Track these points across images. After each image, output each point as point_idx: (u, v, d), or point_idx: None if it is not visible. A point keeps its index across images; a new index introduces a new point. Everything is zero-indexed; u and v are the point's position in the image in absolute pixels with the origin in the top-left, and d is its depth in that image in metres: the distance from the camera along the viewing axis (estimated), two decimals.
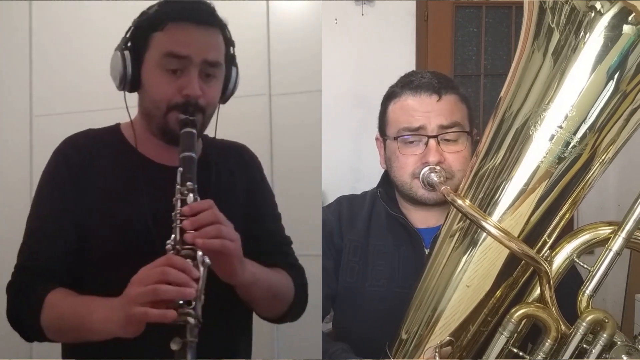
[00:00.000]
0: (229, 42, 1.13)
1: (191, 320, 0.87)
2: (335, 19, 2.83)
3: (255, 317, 1.22)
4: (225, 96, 1.16)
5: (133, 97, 1.14)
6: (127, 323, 0.88)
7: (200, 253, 0.92)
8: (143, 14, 1.09)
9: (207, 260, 0.91)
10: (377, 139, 1.32)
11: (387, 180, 1.32)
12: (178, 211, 0.95)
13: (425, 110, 1.19)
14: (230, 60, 1.15)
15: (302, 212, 1.78)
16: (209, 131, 1.17)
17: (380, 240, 1.27)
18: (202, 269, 0.91)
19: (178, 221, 0.94)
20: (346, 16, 2.84)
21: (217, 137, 1.21)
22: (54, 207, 1.08)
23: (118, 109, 1.15)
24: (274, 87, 2.00)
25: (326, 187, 2.43)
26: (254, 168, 1.27)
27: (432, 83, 1.20)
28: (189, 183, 0.97)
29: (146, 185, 1.08)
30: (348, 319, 1.27)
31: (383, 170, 1.33)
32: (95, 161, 1.10)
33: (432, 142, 1.17)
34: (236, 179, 1.20)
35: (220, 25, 1.10)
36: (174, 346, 0.86)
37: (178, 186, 0.97)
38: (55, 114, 2.06)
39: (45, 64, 2.10)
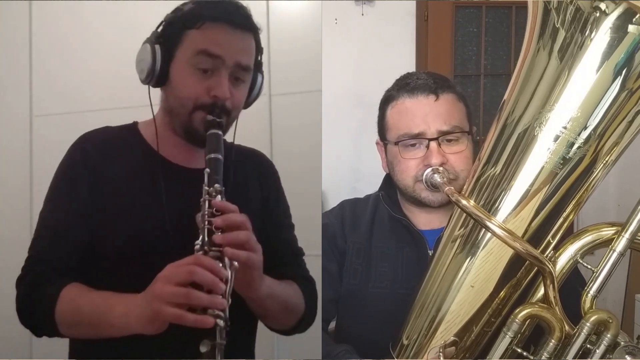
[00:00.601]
0: (259, 48, 1.13)
1: (220, 322, 0.86)
2: (335, 19, 2.83)
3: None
4: (248, 101, 1.16)
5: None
6: (152, 320, 0.87)
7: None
8: (177, 10, 1.08)
9: (235, 263, 0.90)
10: (377, 143, 1.32)
11: (389, 183, 1.32)
12: (206, 212, 0.93)
13: (423, 112, 1.18)
14: (258, 67, 1.14)
15: (302, 212, 1.77)
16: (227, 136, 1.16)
17: (383, 242, 1.27)
18: (229, 271, 0.90)
19: (206, 222, 0.93)
20: (346, 16, 2.84)
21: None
22: (69, 204, 1.06)
23: (119, 109, 1.16)
24: (274, 87, 1.99)
25: (326, 187, 2.43)
26: (271, 176, 1.26)
27: (429, 83, 1.20)
28: (216, 185, 0.96)
29: (166, 188, 1.07)
30: (351, 321, 1.27)
31: (384, 171, 1.33)
32: (114, 161, 1.09)
33: (433, 144, 1.16)
34: (253, 187, 1.19)
35: (254, 30, 1.10)
36: (203, 348, 0.85)
37: (205, 187, 0.96)
38: (55, 114, 2.06)
39: (45, 64, 2.09)
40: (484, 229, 0.88)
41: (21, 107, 2.09)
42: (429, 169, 1.14)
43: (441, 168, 1.14)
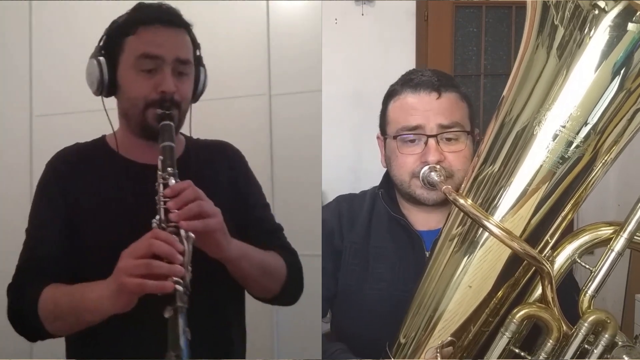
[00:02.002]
0: (195, 44, 1.20)
1: (180, 288, 0.91)
2: (335, 19, 2.83)
3: (254, 317, 1.22)
4: (196, 95, 1.22)
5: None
6: (118, 294, 0.93)
7: (183, 230, 0.97)
8: (114, 22, 1.17)
9: (191, 234, 0.97)
10: (378, 137, 1.32)
11: (388, 181, 1.32)
12: (161, 193, 1.01)
13: (424, 108, 1.18)
14: (198, 61, 1.21)
15: (302, 212, 1.78)
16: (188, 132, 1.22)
17: (381, 242, 1.27)
18: (186, 243, 0.96)
19: (162, 202, 1.00)
20: (346, 16, 2.84)
21: (219, 137, 1.29)
22: (45, 214, 1.15)
23: (114, 109, 1.18)
24: (274, 87, 1.99)
25: (326, 187, 2.43)
26: (237, 162, 1.31)
27: (432, 81, 1.20)
28: (169, 168, 1.03)
29: (130, 183, 1.15)
30: (347, 322, 1.27)
31: (384, 170, 1.33)
32: (82, 169, 1.18)
33: (431, 141, 1.16)
34: (218, 174, 1.24)
35: (186, 26, 1.17)
36: (166, 314, 0.90)
37: (159, 172, 1.03)
38: (55, 114, 2.06)
39: (45, 64, 2.09)
40: (481, 228, 0.87)
41: (21, 107, 2.10)
42: (427, 167, 1.14)
43: (438, 166, 1.13)
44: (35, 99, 2.10)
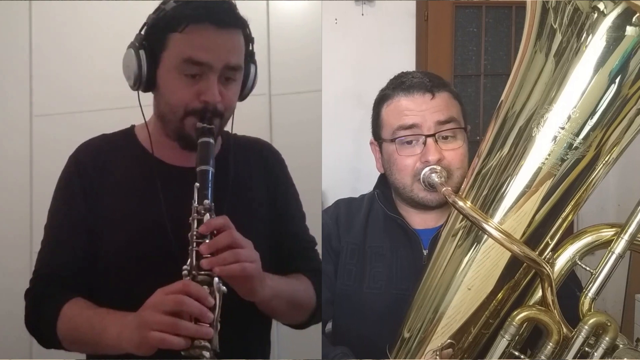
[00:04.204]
0: (248, 40, 1.09)
1: (206, 354, 0.87)
2: (335, 19, 2.83)
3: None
4: (243, 94, 1.13)
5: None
6: (140, 345, 0.88)
7: (216, 280, 0.90)
8: (159, 10, 1.04)
9: (223, 288, 0.90)
10: (371, 143, 1.31)
11: (384, 182, 1.32)
12: (195, 232, 0.92)
13: (419, 109, 1.18)
14: (250, 58, 1.12)
15: None
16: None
17: (378, 242, 1.26)
18: (217, 296, 0.90)
19: (194, 244, 0.92)
20: (346, 16, 2.84)
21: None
22: (67, 216, 1.07)
23: (118, 109, 1.16)
24: (274, 87, 1.99)
25: (326, 187, 2.43)
26: (276, 165, 1.23)
27: (424, 82, 1.20)
28: (206, 201, 0.94)
29: (163, 189, 1.06)
30: (347, 322, 1.27)
31: (379, 171, 1.32)
32: (109, 167, 1.09)
33: (430, 140, 1.16)
34: (256, 177, 1.17)
35: (241, 25, 1.06)
36: None
37: (195, 204, 0.94)
38: (55, 114, 2.06)
39: (45, 64, 2.09)
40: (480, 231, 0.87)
41: (21, 107, 2.10)
42: (427, 169, 1.14)
43: (439, 168, 1.13)
44: (35, 98, 2.10)
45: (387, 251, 1.25)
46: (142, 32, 1.04)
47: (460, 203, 0.84)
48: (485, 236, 0.89)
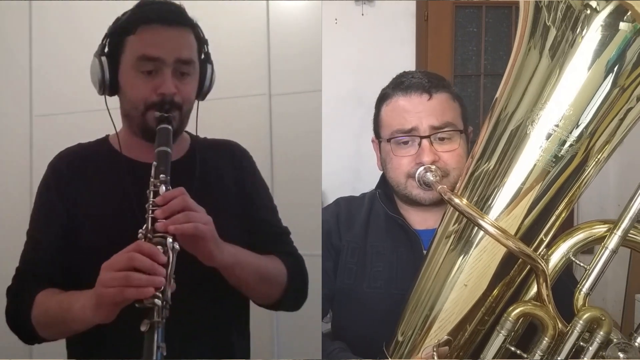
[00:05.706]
0: (202, 41, 1.17)
1: (158, 302, 0.90)
2: (335, 19, 2.84)
3: (254, 317, 1.23)
4: (202, 93, 1.20)
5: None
6: (98, 306, 0.93)
7: (169, 240, 0.95)
8: (117, 20, 1.14)
9: (176, 246, 0.96)
10: (373, 140, 1.33)
11: (385, 182, 1.32)
12: (151, 201, 0.99)
13: (416, 110, 1.19)
14: (205, 59, 1.19)
15: (303, 212, 1.78)
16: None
17: (379, 241, 1.27)
18: (171, 254, 0.95)
19: (150, 211, 0.98)
20: (346, 16, 2.84)
21: (219, 136, 1.26)
22: (43, 217, 1.14)
23: (119, 109, 1.17)
24: (274, 87, 1.99)
25: (326, 187, 2.43)
26: (244, 162, 1.29)
27: (422, 83, 1.21)
28: (161, 175, 1.01)
29: (132, 184, 1.12)
30: (346, 320, 1.27)
31: (379, 169, 1.33)
32: (83, 170, 1.16)
33: (425, 142, 1.17)
34: (224, 174, 1.22)
35: (191, 25, 1.14)
36: (143, 327, 0.90)
37: (152, 179, 1.01)
38: (55, 114, 2.07)
39: (45, 64, 2.10)
40: (476, 227, 0.88)
41: (21, 107, 2.10)
42: (422, 168, 1.15)
43: (433, 166, 1.14)
44: (35, 99, 2.11)
45: (388, 251, 1.26)
46: (103, 42, 1.14)
47: (456, 200, 0.85)
48: (480, 235, 0.90)
